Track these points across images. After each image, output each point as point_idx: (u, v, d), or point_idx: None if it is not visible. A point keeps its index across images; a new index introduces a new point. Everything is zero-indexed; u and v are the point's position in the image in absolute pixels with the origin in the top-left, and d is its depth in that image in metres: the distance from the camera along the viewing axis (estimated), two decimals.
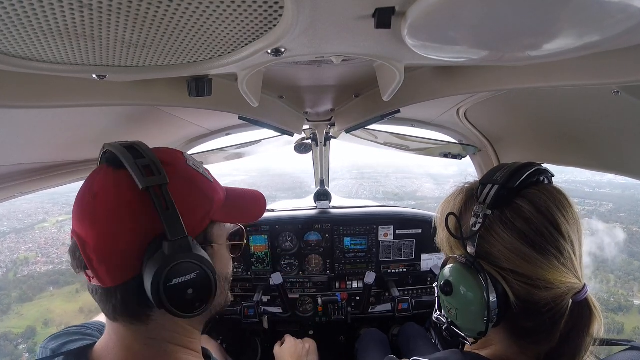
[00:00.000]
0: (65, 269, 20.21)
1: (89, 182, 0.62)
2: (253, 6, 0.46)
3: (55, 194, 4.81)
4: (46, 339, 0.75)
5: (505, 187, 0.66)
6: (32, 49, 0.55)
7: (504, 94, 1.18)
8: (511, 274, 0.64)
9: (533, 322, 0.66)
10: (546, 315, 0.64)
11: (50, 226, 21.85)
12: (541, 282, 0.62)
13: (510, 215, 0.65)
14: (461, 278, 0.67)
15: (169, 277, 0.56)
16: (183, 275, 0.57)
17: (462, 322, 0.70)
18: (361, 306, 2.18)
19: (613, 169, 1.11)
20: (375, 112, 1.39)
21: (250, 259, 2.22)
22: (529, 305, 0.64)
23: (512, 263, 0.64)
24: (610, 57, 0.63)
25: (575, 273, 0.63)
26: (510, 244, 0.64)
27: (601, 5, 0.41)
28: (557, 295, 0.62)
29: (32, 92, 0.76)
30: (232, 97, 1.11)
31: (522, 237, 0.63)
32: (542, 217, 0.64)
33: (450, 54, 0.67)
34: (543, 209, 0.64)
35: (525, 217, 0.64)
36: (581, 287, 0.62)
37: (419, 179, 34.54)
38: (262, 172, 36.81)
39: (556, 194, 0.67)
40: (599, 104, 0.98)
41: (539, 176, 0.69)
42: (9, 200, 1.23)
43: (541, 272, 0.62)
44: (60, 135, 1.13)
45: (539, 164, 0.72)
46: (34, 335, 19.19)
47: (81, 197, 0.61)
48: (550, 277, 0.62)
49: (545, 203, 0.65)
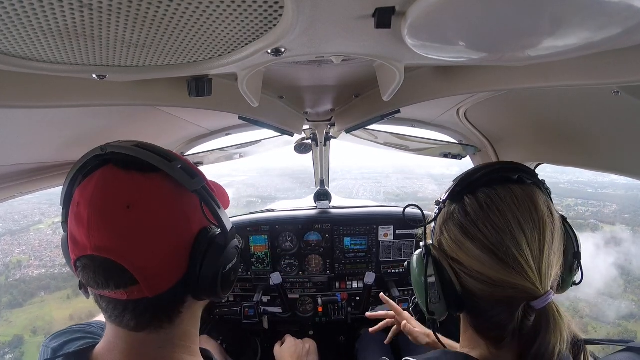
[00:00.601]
0: (57, 272, 20.03)
1: (109, 190, 0.56)
2: (253, 6, 0.46)
3: (52, 194, 4.78)
4: (49, 337, 0.74)
5: (460, 184, 0.72)
6: (32, 49, 0.55)
7: (504, 94, 1.18)
8: (456, 264, 0.69)
9: (484, 316, 0.68)
10: (496, 312, 0.66)
11: (45, 228, 21.23)
12: (481, 277, 0.64)
13: (457, 209, 0.70)
14: (415, 259, 0.77)
15: (225, 265, 0.64)
16: (232, 261, 0.67)
17: (418, 299, 0.79)
18: (361, 306, 2.18)
19: (613, 169, 1.11)
20: (375, 112, 1.39)
21: (250, 259, 2.22)
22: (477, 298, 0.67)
23: (454, 253, 0.69)
24: (610, 57, 0.63)
25: (525, 276, 0.61)
26: (453, 234, 0.69)
27: (601, 5, 0.41)
28: (505, 295, 0.63)
29: (32, 92, 0.76)
30: (232, 97, 1.11)
31: (463, 230, 0.67)
32: (484, 215, 0.66)
33: (450, 54, 0.67)
34: (486, 207, 0.66)
35: (466, 210, 0.68)
36: (540, 294, 0.60)
37: (420, 180, 34.04)
38: (262, 173, 36.64)
39: (518, 193, 0.66)
40: (599, 104, 0.98)
41: (510, 174, 0.70)
42: (7, 201, 1.23)
43: (480, 265, 0.64)
44: (60, 135, 1.13)
45: (516, 163, 0.73)
46: (21, 344, 18.42)
47: (106, 209, 0.55)
48: (489, 273, 0.63)
49: (492, 200, 0.66)
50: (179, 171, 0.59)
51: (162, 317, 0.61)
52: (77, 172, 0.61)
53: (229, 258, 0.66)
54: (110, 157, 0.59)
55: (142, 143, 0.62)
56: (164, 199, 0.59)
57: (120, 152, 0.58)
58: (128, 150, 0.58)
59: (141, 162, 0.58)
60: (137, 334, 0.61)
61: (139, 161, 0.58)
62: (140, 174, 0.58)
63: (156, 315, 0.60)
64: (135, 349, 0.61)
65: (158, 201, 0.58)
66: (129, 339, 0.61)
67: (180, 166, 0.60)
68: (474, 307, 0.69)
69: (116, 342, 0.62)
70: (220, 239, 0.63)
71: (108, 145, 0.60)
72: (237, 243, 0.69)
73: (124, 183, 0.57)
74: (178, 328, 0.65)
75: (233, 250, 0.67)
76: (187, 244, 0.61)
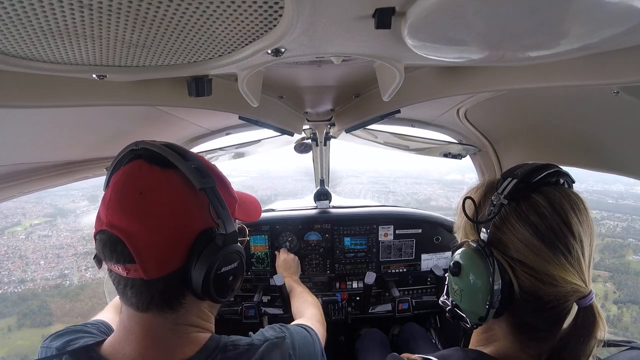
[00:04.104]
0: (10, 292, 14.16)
1: (130, 178, 0.64)
2: (253, 6, 0.46)
3: (41, 192, 4.16)
4: (47, 338, 0.75)
5: (523, 181, 0.68)
6: (32, 49, 0.55)
7: (504, 94, 1.18)
8: (518, 264, 0.66)
9: (535, 317, 0.67)
10: (548, 313, 0.65)
11: (21, 231, 17.53)
12: (546, 277, 0.63)
13: (525, 207, 0.67)
14: (470, 260, 0.70)
15: (219, 266, 0.65)
16: (230, 264, 0.68)
17: (465, 305, 0.72)
18: (361, 306, 2.18)
19: (613, 169, 1.11)
20: (375, 112, 1.39)
21: (250, 259, 2.22)
22: (532, 299, 0.66)
23: (520, 253, 0.66)
24: (610, 57, 0.63)
25: (581, 276, 0.63)
26: (521, 234, 0.66)
27: (601, 5, 0.41)
28: (560, 294, 0.63)
29: (32, 92, 0.76)
30: (232, 97, 1.11)
31: (534, 230, 0.65)
32: (556, 214, 0.65)
33: (450, 54, 0.67)
34: (557, 207, 0.65)
35: (539, 211, 0.66)
36: (587, 293, 0.63)
37: (431, 185, 32.13)
38: (262, 174, 36.13)
39: (573, 196, 0.67)
40: (599, 104, 0.98)
41: (559, 178, 0.70)
42: (8, 200, 1.23)
43: (547, 266, 0.63)
44: (60, 135, 1.13)
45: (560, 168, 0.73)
46: None
47: (123, 193, 0.63)
48: (555, 273, 0.63)
49: (561, 201, 0.66)
50: (192, 170, 0.65)
51: (160, 303, 0.64)
52: (117, 163, 0.68)
53: (226, 261, 0.67)
54: (141, 153, 0.66)
55: (172, 144, 0.69)
56: (174, 192, 0.64)
57: (148, 149, 0.66)
58: (155, 147, 0.65)
59: (163, 159, 0.65)
60: (145, 314, 0.65)
61: (161, 157, 0.65)
62: (159, 168, 0.65)
63: (153, 299, 0.63)
64: (148, 329, 0.66)
65: (167, 193, 0.64)
66: (139, 320, 0.66)
67: (195, 166, 0.66)
68: (522, 308, 0.67)
69: (131, 326, 0.67)
70: (218, 239, 0.65)
71: (141, 142, 0.67)
72: (238, 248, 0.70)
73: (143, 173, 0.64)
74: (185, 317, 0.68)
75: (233, 254, 0.68)
76: (188, 239, 0.64)
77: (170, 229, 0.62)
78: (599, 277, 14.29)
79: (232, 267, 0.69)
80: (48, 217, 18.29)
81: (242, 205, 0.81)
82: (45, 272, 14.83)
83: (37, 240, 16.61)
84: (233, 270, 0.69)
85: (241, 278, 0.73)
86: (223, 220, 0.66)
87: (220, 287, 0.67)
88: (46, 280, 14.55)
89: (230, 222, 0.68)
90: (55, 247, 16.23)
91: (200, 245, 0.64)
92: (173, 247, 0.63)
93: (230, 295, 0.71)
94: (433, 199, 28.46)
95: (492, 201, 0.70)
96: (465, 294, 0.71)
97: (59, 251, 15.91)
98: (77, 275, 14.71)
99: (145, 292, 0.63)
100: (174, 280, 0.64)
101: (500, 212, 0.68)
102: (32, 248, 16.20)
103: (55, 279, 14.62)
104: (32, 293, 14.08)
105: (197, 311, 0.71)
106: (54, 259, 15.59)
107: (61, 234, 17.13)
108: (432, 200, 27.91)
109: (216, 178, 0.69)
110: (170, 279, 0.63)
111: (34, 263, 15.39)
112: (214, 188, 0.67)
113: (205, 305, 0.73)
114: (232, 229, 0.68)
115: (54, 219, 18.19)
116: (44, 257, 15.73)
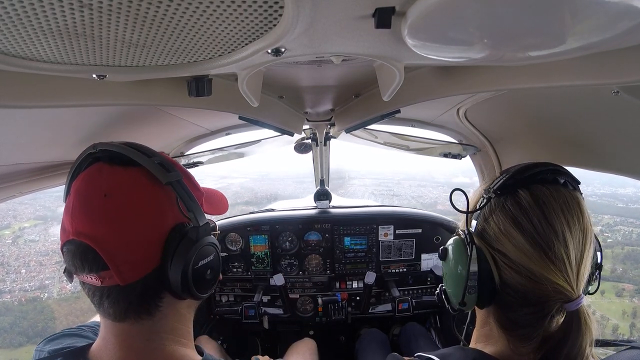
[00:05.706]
0: None
1: (92, 182, 0.62)
2: (253, 6, 0.46)
3: (36, 193, 3.72)
4: (42, 342, 0.74)
5: (514, 177, 0.71)
6: (32, 49, 0.55)
7: (504, 94, 1.18)
8: (499, 254, 0.68)
9: (515, 312, 0.68)
10: (529, 309, 0.66)
11: (9, 234, 16.44)
12: (524, 271, 0.64)
13: (510, 201, 0.69)
14: (454, 246, 0.75)
15: (196, 260, 0.64)
16: (205, 258, 0.66)
17: (449, 288, 0.78)
18: (361, 306, 2.18)
19: (613, 168, 1.11)
20: (375, 112, 1.39)
21: (250, 259, 2.22)
22: (512, 292, 0.67)
23: (500, 244, 0.68)
24: (610, 57, 0.63)
25: (566, 277, 0.62)
26: (502, 226, 0.68)
27: (601, 5, 0.41)
28: (542, 292, 0.63)
29: (32, 92, 0.76)
30: (232, 97, 1.11)
31: (514, 223, 0.67)
32: (538, 210, 0.66)
33: (450, 54, 0.67)
34: (541, 203, 0.66)
35: (522, 205, 0.67)
36: (574, 297, 0.62)
37: (437, 188, 31.33)
38: (262, 176, 35.83)
39: (566, 196, 0.67)
40: (599, 104, 0.98)
41: (556, 176, 0.70)
42: (8, 200, 1.23)
43: (527, 260, 0.64)
44: (60, 135, 1.13)
45: (563, 167, 0.73)
46: None
47: (87, 197, 0.60)
48: (534, 269, 0.63)
49: (546, 199, 0.66)
50: (155, 165, 0.63)
51: (138, 309, 0.62)
52: (75, 170, 0.65)
53: (202, 254, 0.65)
54: (100, 155, 0.64)
55: (132, 143, 0.66)
56: (140, 190, 0.62)
57: (108, 150, 0.64)
58: (115, 147, 0.63)
59: (124, 158, 0.63)
60: (121, 324, 0.63)
61: (122, 156, 0.63)
62: (121, 167, 0.63)
63: (131, 305, 0.61)
64: (123, 340, 0.63)
65: (133, 192, 0.62)
66: (115, 331, 0.64)
67: (158, 162, 0.64)
68: (505, 302, 0.69)
69: (108, 337, 0.65)
70: (191, 233, 0.64)
71: (99, 144, 0.65)
72: (212, 240, 0.69)
73: (105, 175, 0.62)
74: (162, 322, 0.66)
75: (208, 247, 0.67)
76: (160, 237, 0.62)
77: (141, 227, 0.60)
78: (624, 290, 13.12)
79: (209, 260, 0.67)
80: (38, 220, 17.45)
81: (209, 198, 0.80)
82: (25, 282, 14.04)
83: (22, 245, 15.86)
84: (210, 263, 0.68)
85: (219, 270, 0.72)
86: (194, 213, 0.65)
87: (200, 282, 0.65)
88: (24, 292, 13.81)
89: (202, 214, 0.67)
90: (40, 253, 15.43)
91: (173, 241, 0.62)
92: (146, 247, 0.61)
93: (210, 290, 0.70)
94: (440, 203, 27.33)
95: (482, 194, 0.74)
96: (448, 278, 0.77)
97: (42, 258, 15.09)
98: (57, 287, 13.79)
99: (123, 299, 0.60)
100: (152, 282, 0.62)
101: (490, 205, 0.72)
102: (17, 254, 15.45)
103: (34, 290, 13.83)
104: (6, 307, 13.32)
105: (174, 314, 0.68)
106: (36, 267, 14.84)
107: (49, 238, 16.18)
108: (438, 204, 26.82)
109: (181, 172, 0.68)
110: (148, 281, 0.61)
111: (15, 272, 14.61)
112: (180, 181, 0.65)
113: (184, 306, 0.70)
114: (204, 221, 0.67)
115: (44, 222, 17.32)
116: (26, 264, 15.02)
